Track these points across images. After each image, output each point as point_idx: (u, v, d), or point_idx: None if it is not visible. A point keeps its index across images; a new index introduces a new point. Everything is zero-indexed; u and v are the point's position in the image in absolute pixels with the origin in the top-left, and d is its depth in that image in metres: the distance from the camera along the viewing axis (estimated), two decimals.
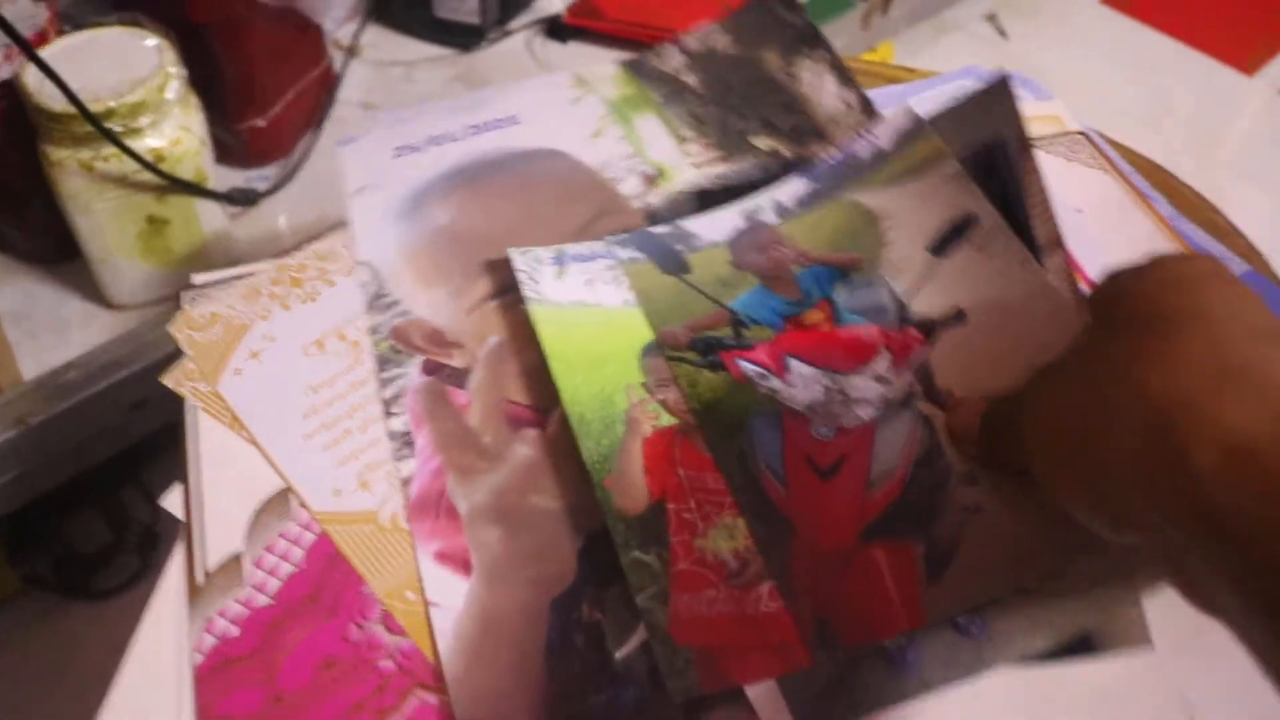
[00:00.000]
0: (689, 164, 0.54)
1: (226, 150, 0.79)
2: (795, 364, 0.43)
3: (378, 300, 0.48)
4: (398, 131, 0.56)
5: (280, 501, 0.43)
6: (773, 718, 0.37)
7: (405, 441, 0.44)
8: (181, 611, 0.40)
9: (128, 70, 0.64)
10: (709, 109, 0.57)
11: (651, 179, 0.53)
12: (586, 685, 0.37)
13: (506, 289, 0.47)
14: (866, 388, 0.42)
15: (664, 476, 0.41)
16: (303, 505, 0.42)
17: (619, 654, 0.38)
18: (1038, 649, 0.38)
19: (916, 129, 0.50)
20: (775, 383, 0.43)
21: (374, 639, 0.39)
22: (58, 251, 0.73)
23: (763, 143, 0.55)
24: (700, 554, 0.39)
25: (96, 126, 0.62)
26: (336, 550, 0.41)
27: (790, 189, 0.51)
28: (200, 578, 0.41)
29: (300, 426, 0.45)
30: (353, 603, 0.40)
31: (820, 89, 0.57)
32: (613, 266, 0.48)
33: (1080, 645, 0.38)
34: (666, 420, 0.42)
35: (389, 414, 0.45)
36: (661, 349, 0.44)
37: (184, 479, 0.44)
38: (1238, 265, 0.52)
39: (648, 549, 0.39)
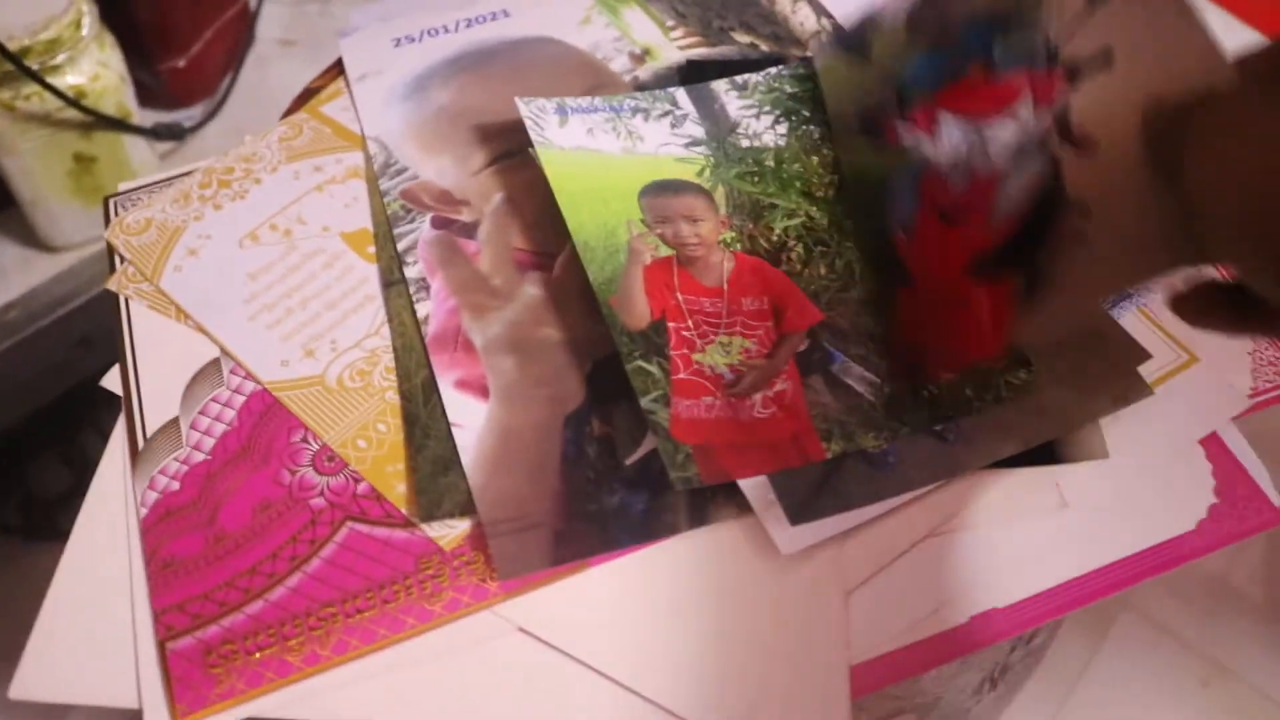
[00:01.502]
0: (674, 46, 0.58)
1: (151, 93, 0.81)
2: (946, 120, 0.46)
3: (387, 168, 0.52)
4: (394, 25, 0.60)
5: (212, 370, 0.45)
6: (765, 510, 0.40)
7: (421, 286, 0.47)
8: (126, 475, 0.43)
9: (39, 8, 0.66)
10: (690, 8, 0.60)
11: (639, 57, 0.57)
12: (600, 488, 0.42)
13: (508, 154, 0.52)
14: (1006, 133, 0.45)
15: (663, 299, 0.45)
16: (252, 378, 0.45)
17: (628, 461, 0.42)
18: (1006, 453, 0.42)
19: None
20: (925, 144, 0.46)
21: (305, 480, 0.42)
22: None
23: (742, 38, 0.58)
24: (699, 366, 0.43)
25: (15, 63, 0.64)
26: (266, 408, 0.44)
27: None
28: (141, 443, 0.44)
29: (244, 310, 0.48)
30: (283, 451, 0.43)
31: (796, 12, 0.60)
32: (610, 119, 0.51)
33: (1043, 453, 0.43)
34: (665, 251, 0.46)
35: (404, 264, 0.48)
36: (831, 122, 0.50)
37: (121, 361, 0.46)
38: None
39: (650, 359, 0.43)
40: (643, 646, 0.39)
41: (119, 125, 0.71)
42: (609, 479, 0.42)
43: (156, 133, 0.76)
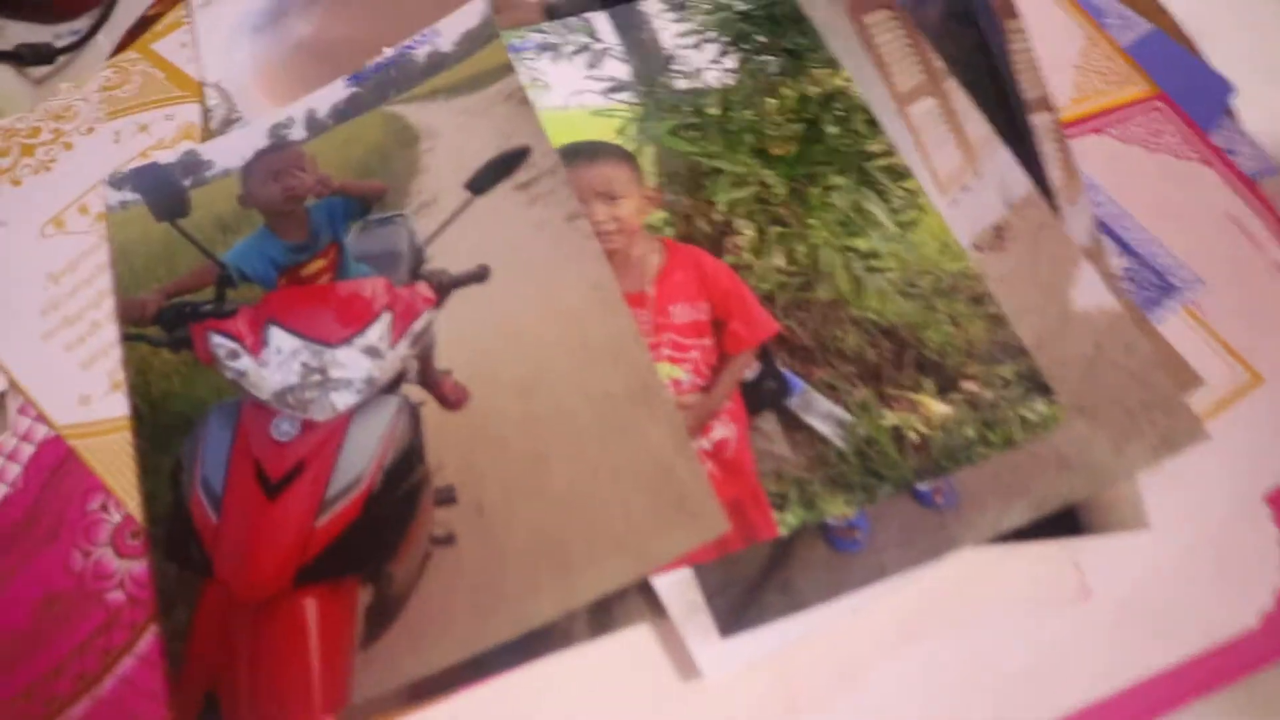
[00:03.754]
0: None
1: (27, 6, 0.69)
2: (277, 333, 0.35)
3: (228, 124, 0.42)
4: None
5: None
6: (687, 617, 0.31)
7: None
8: None
9: None
10: None
11: None
12: None
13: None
14: (353, 364, 0.34)
15: None
16: (44, 420, 0.35)
17: None
18: (1013, 523, 0.32)
19: (485, 32, 0.42)
20: (246, 362, 0.34)
21: (101, 566, 0.33)
22: None
23: None
24: None
25: None
26: (58, 462, 0.34)
27: (329, 95, 0.42)
28: None
29: (38, 325, 0.38)
30: (76, 523, 0.33)
31: None
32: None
33: (1060, 522, 0.33)
34: None
35: None
36: (121, 325, 0.36)
37: None
38: (1142, 25, 0.44)
39: None
40: None
41: None
42: None
43: (20, 56, 0.64)
